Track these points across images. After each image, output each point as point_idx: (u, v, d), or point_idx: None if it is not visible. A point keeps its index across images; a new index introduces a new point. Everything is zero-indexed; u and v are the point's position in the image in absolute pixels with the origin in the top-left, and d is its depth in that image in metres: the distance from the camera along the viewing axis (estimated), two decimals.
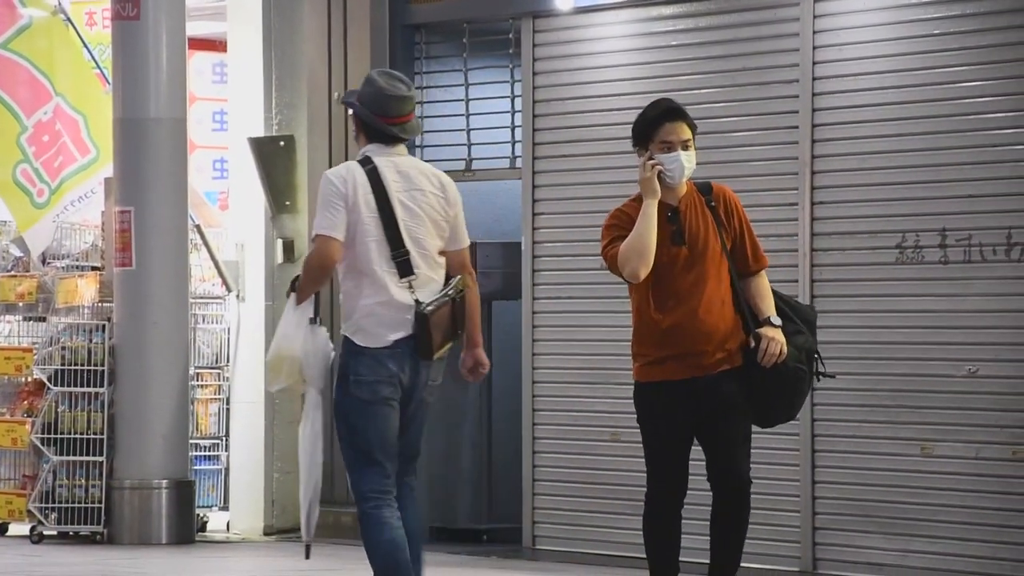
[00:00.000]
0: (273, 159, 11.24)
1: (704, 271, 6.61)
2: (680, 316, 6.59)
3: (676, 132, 6.63)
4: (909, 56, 8.84)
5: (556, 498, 10.12)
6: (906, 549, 8.76)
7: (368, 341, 6.39)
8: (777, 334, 6.58)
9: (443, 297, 6.41)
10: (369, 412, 6.40)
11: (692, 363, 6.59)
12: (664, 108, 6.71)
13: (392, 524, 6.47)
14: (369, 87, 6.49)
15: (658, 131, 6.63)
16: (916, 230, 8.79)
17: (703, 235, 6.64)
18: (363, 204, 6.37)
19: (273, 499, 11.21)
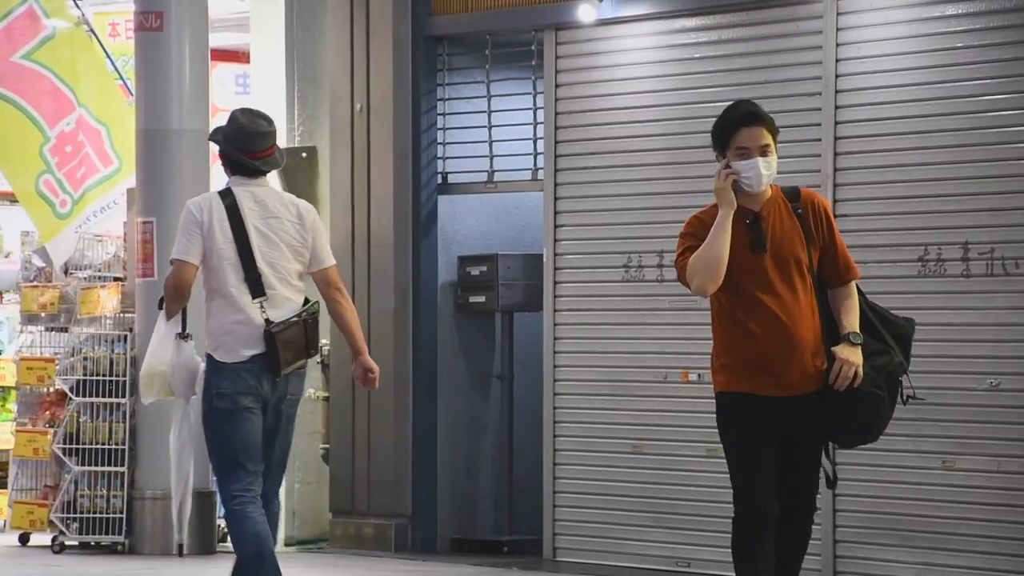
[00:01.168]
0: (295, 171, 11.25)
1: (788, 281, 6.19)
2: (764, 330, 6.16)
3: (753, 138, 6.24)
4: (931, 69, 8.83)
5: (577, 510, 10.12)
6: (928, 563, 8.74)
7: (227, 357, 6.96)
8: (853, 355, 6.15)
9: (293, 317, 6.96)
10: (231, 421, 6.97)
11: (777, 382, 6.17)
12: (741, 112, 6.30)
13: (256, 519, 6.98)
14: (232, 124, 7.11)
15: (735, 137, 6.25)
16: (938, 243, 8.78)
17: (787, 243, 6.23)
18: (218, 231, 6.98)
19: (294, 510, 11.22)
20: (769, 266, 6.20)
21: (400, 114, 10.85)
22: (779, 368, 6.15)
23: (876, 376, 6.17)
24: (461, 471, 10.82)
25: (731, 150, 6.25)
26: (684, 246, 6.27)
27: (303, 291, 7.11)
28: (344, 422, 11.01)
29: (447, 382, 10.84)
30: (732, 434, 6.22)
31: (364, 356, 7.20)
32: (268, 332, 6.93)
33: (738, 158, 6.23)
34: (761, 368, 6.16)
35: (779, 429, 6.18)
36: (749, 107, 6.34)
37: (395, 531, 10.75)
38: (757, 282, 6.18)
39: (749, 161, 6.22)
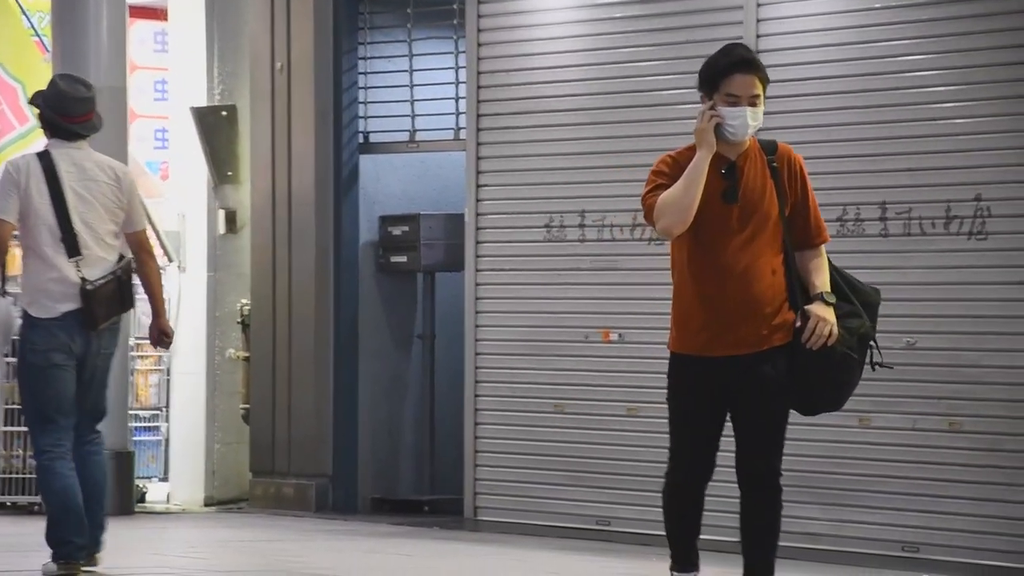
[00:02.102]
0: (215, 129, 11.17)
1: (756, 236, 5.95)
2: (725, 283, 5.94)
3: (745, 86, 5.92)
4: (850, 30, 8.86)
5: (498, 469, 10.13)
6: (842, 519, 8.80)
7: (41, 312, 7.33)
8: (828, 313, 5.91)
9: (108, 275, 7.31)
10: (44, 376, 7.29)
11: (734, 339, 5.94)
12: (736, 58, 5.96)
13: (64, 474, 7.31)
14: (52, 89, 7.47)
15: (726, 82, 5.92)
16: (857, 203, 8.82)
17: (759, 196, 5.98)
18: (35, 192, 7.28)
19: (214, 470, 11.18)
20: (737, 218, 5.96)
21: (321, 73, 10.79)
22: (736, 325, 5.94)
23: (849, 337, 5.97)
24: (382, 431, 10.81)
25: (719, 95, 5.95)
26: (654, 183, 6.00)
27: (118, 250, 7.42)
28: (264, 382, 10.97)
29: (368, 342, 10.82)
30: (675, 396, 6.05)
31: (162, 319, 7.54)
32: (84, 290, 7.24)
33: (726, 104, 5.94)
34: (718, 324, 5.95)
35: (735, 386, 5.98)
36: (744, 52, 6.03)
37: (316, 491, 10.73)
38: (722, 232, 5.95)
39: (737, 109, 5.93)
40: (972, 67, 8.49)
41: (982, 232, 8.47)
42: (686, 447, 6.03)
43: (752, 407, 5.99)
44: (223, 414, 11.17)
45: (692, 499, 6.08)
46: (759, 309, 5.95)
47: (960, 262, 8.53)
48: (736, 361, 5.95)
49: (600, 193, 9.78)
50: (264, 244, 11.01)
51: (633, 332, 9.57)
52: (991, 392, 8.40)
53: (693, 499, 6.08)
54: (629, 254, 9.64)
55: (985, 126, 8.46)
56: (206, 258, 11.24)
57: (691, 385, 6.01)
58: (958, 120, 8.55)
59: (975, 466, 8.42)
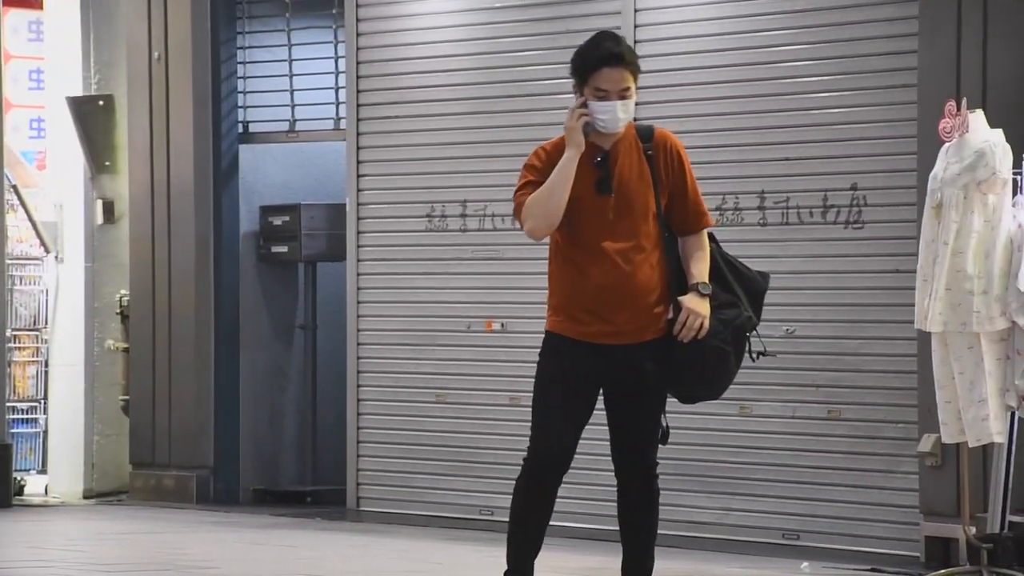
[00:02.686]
0: (92, 119, 11.07)
1: (632, 226, 5.83)
2: (601, 274, 5.82)
3: (614, 80, 5.79)
4: (727, 20, 8.94)
5: (380, 459, 10.14)
6: (726, 507, 8.90)
7: None
8: (700, 305, 5.82)
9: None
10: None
11: (611, 329, 5.83)
12: (605, 52, 5.81)
13: None
14: None
15: (594, 76, 5.80)
16: (736, 192, 8.92)
17: (634, 186, 5.85)
18: None
19: (93, 462, 11.09)
20: (612, 209, 5.84)
21: (199, 62, 10.72)
22: (613, 315, 5.84)
23: (723, 330, 5.85)
24: (264, 422, 10.77)
25: (589, 88, 5.81)
26: (525, 180, 5.89)
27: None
28: (144, 373, 10.89)
29: (249, 333, 10.77)
30: (542, 373, 5.89)
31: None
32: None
33: (595, 98, 5.81)
34: (594, 314, 5.84)
35: (610, 376, 5.87)
36: (613, 46, 5.85)
37: (197, 482, 10.68)
38: (598, 224, 5.84)
39: (607, 103, 5.80)
40: (848, 57, 8.60)
41: (859, 221, 8.59)
42: (551, 432, 5.85)
43: (628, 400, 5.88)
44: (102, 406, 11.08)
45: (548, 491, 5.89)
46: (635, 301, 5.85)
47: (837, 251, 8.65)
48: (612, 350, 5.84)
49: (481, 183, 9.80)
50: (143, 234, 10.93)
51: (515, 321, 9.61)
52: (869, 380, 8.52)
53: (548, 491, 5.89)
54: (511, 243, 9.67)
55: (861, 116, 8.58)
56: (84, 249, 11.13)
57: (565, 367, 5.86)
58: (834, 110, 8.66)
59: (854, 453, 8.54)
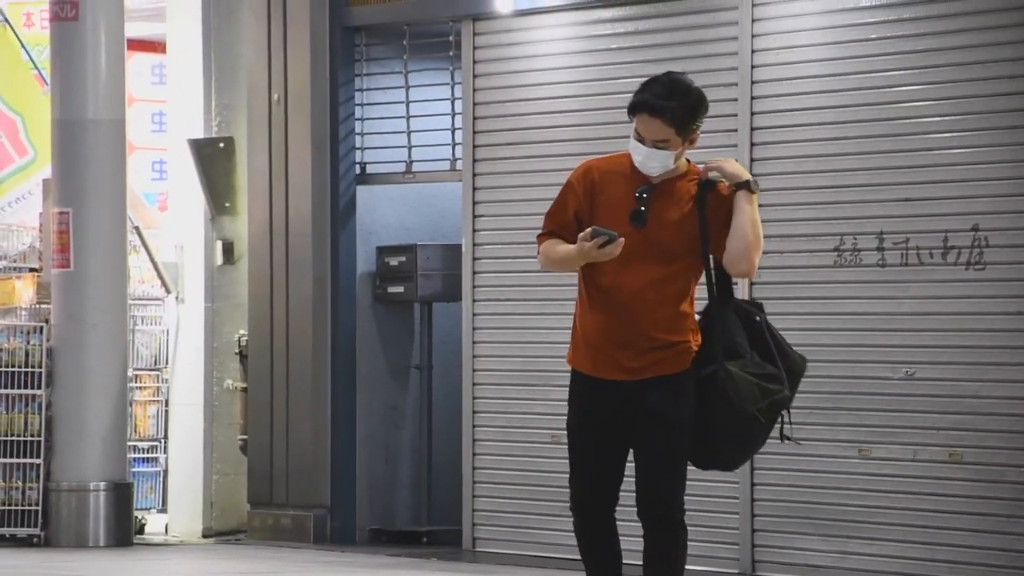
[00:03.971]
0: (212, 161, 11.20)
1: (659, 267, 5.69)
2: (612, 306, 5.71)
3: (650, 130, 5.68)
4: (846, 60, 8.90)
5: (496, 500, 10.14)
6: (844, 551, 8.82)
7: None
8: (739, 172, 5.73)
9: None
10: None
11: (616, 365, 5.72)
12: (642, 99, 5.70)
13: None
14: None
15: (635, 117, 5.73)
16: (854, 233, 8.85)
17: (671, 228, 5.70)
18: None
19: (212, 501, 11.18)
20: (641, 243, 5.68)
21: (318, 104, 10.83)
22: (614, 349, 5.71)
23: (761, 399, 5.66)
24: (380, 462, 10.81)
25: (632, 124, 5.74)
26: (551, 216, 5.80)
27: None
28: (262, 413, 10.98)
29: (366, 372, 10.83)
30: (568, 419, 5.83)
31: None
32: None
33: (635, 138, 5.73)
34: (601, 345, 5.72)
35: (625, 416, 5.72)
36: (651, 96, 5.68)
37: (314, 522, 10.73)
38: (624, 257, 5.65)
39: (640, 146, 5.71)
40: (969, 97, 8.53)
41: (980, 262, 8.50)
42: (582, 481, 5.78)
43: (645, 437, 5.70)
44: (221, 445, 11.17)
45: (594, 538, 5.74)
46: (640, 341, 5.69)
47: (958, 292, 8.56)
48: (621, 387, 5.70)
49: None
50: (261, 275, 11.03)
51: None
52: (991, 423, 8.42)
53: (594, 538, 5.74)
54: None
55: (982, 156, 8.50)
56: (204, 289, 11.26)
57: (583, 404, 5.79)
58: (955, 150, 8.59)
59: (976, 497, 8.43)
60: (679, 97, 5.73)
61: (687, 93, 5.75)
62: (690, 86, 5.78)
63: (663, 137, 5.68)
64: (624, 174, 5.77)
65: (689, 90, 5.76)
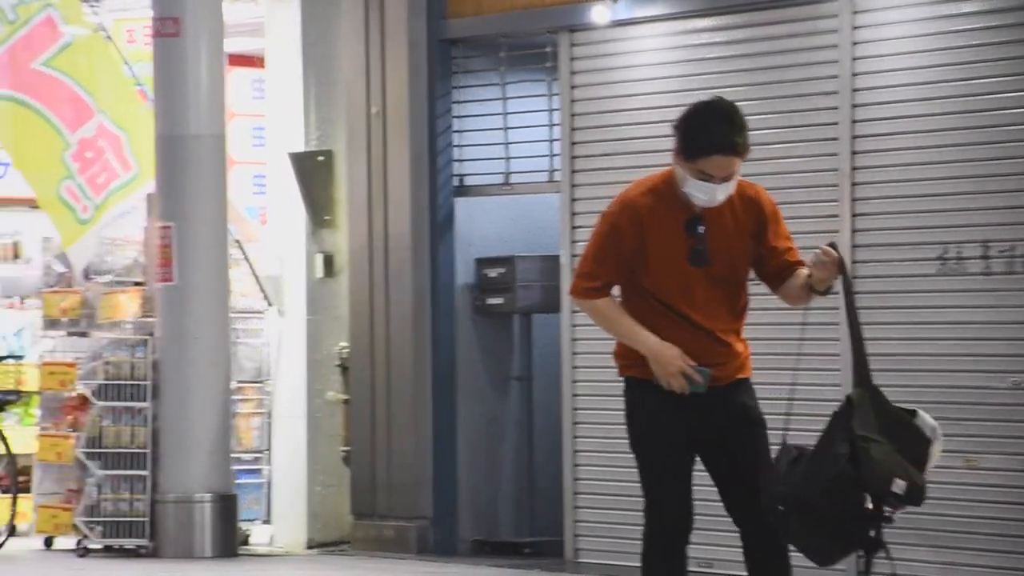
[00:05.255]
0: (312, 174, 11.28)
1: (725, 295, 5.57)
2: (690, 331, 5.54)
3: (722, 167, 5.48)
4: (949, 67, 8.84)
5: (597, 511, 10.14)
6: (952, 562, 8.75)
7: None
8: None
9: None
10: None
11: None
12: (719, 140, 5.45)
13: None
14: None
15: (703, 161, 5.48)
16: (958, 241, 8.79)
17: (729, 252, 5.58)
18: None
19: (315, 512, 11.25)
20: (703, 276, 5.55)
21: (416, 117, 10.88)
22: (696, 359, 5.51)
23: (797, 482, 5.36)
24: (481, 473, 10.85)
25: (692, 167, 5.49)
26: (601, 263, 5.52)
27: None
28: (364, 424, 11.04)
29: (466, 384, 10.87)
30: (642, 435, 5.55)
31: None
32: None
33: (697, 177, 5.50)
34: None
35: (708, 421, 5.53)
36: (727, 132, 5.46)
37: (416, 533, 10.78)
38: (685, 293, 5.54)
39: (708, 184, 5.50)
40: None
41: None
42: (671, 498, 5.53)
43: (735, 439, 5.49)
44: (324, 456, 11.25)
45: (681, 552, 5.55)
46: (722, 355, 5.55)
47: None
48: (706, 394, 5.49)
49: None
50: (362, 287, 11.10)
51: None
52: None
53: (681, 552, 5.55)
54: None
55: None
56: (305, 302, 11.34)
57: (663, 424, 5.54)
58: None
59: None
60: (742, 126, 5.55)
61: (742, 118, 5.58)
62: (738, 109, 5.59)
63: (734, 170, 5.53)
64: (668, 204, 5.56)
65: (741, 114, 5.58)
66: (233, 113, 11.72)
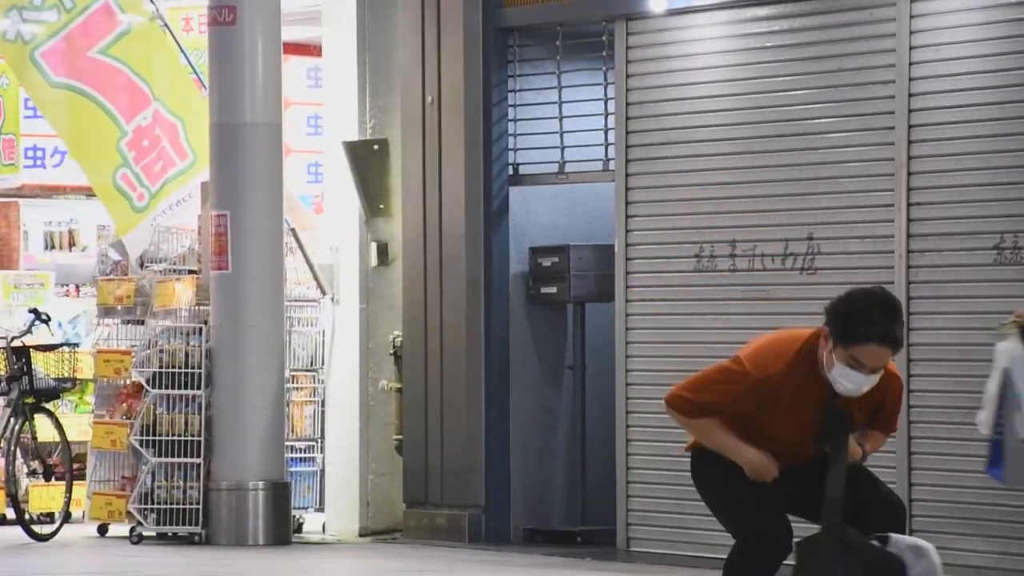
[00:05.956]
0: (367, 163, 11.30)
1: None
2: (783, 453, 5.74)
3: (879, 358, 5.49)
4: (1006, 56, 8.77)
5: (650, 500, 10.11)
6: (1005, 551, 8.68)
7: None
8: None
9: None
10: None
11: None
12: (881, 332, 5.46)
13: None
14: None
15: (860, 348, 5.48)
16: (1014, 231, 8.72)
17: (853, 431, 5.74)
18: None
19: (368, 500, 11.27)
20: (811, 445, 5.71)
21: (471, 106, 10.88)
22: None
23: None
24: (534, 461, 10.83)
25: (846, 351, 5.49)
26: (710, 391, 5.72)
27: None
28: (417, 413, 11.05)
29: (519, 373, 10.86)
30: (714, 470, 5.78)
31: None
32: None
33: (846, 364, 5.51)
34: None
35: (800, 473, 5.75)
36: (891, 326, 5.47)
37: (468, 521, 10.78)
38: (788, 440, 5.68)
39: (857, 374, 5.52)
40: None
41: None
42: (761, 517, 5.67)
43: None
44: (376, 445, 11.26)
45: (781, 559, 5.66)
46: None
47: None
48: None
49: (750, 223, 9.75)
50: (415, 276, 11.10)
51: None
52: None
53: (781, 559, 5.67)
54: (780, 284, 9.59)
55: None
56: (359, 290, 11.36)
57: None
58: None
59: None
60: (902, 320, 5.61)
61: (902, 312, 5.65)
62: (899, 301, 5.65)
63: (887, 362, 5.55)
64: (805, 380, 5.60)
65: (901, 306, 5.65)
66: (289, 101, 11.76)
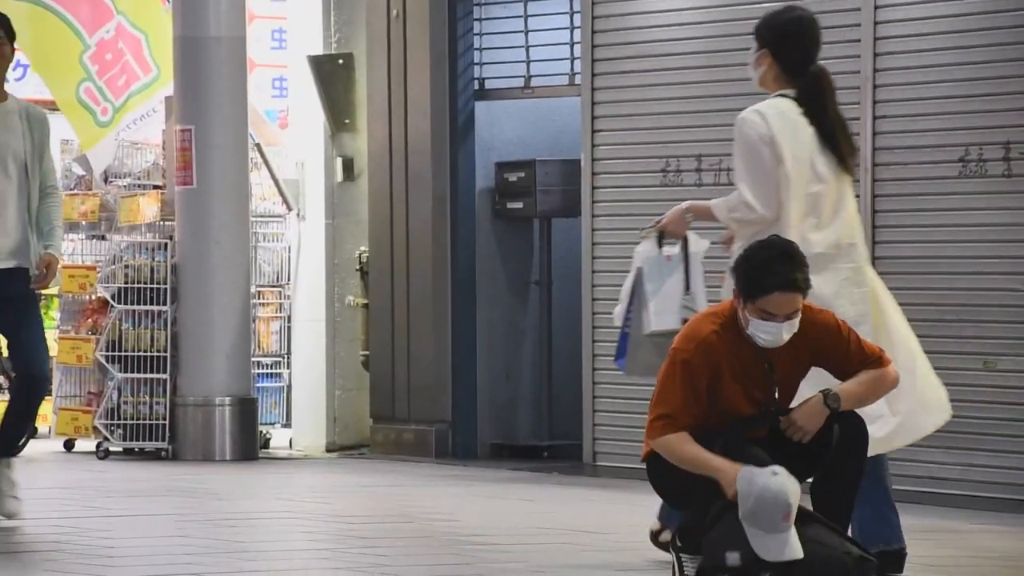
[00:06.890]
0: (332, 77, 11.23)
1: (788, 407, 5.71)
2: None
3: (784, 305, 5.52)
4: None
5: (616, 415, 10.15)
6: (968, 463, 8.74)
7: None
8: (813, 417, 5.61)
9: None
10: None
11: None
12: (780, 280, 5.50)
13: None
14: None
15: (764, 299, 5.52)
16: (979, 143, 8.72)
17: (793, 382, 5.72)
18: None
19: (335, 416, 11.29)
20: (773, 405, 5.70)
21: (436, 20, 10.81)
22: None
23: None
24: (500, 377, 10.86)
25: (753, 307, 5.53)
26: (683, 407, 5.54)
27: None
28: (383, 329, 11.05)
29: (485, 288, 10.86)
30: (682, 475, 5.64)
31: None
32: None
33: (759, 317, 5.54)
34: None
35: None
36: (788, 270, 5.51)
37: (435, 437, 10.81)
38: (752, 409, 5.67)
39: (772, 324, 5.55)
40: None
41: None
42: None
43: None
44: (343, 361, 11.27)
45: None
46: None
47: None
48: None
49: (716, 137, 9.72)
50: (381, 191, 11.08)
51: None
52: None
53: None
54: None
55: None
56: (324, 206, 11.32)
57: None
58: None
59: None
60: (801, 262, 5.58)
61: (802, 255, 5.60)
62: (796, 246, 5.63)
63: (797, 307, 5.56)
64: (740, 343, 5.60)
65: (800, 250, 5.61)
66: (253, 15, 11.64)
